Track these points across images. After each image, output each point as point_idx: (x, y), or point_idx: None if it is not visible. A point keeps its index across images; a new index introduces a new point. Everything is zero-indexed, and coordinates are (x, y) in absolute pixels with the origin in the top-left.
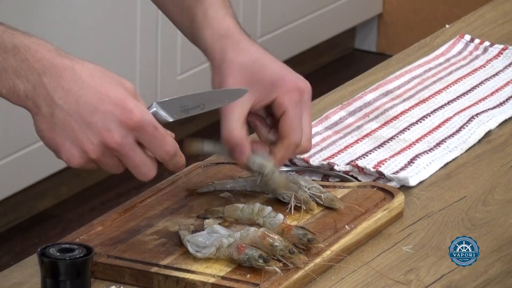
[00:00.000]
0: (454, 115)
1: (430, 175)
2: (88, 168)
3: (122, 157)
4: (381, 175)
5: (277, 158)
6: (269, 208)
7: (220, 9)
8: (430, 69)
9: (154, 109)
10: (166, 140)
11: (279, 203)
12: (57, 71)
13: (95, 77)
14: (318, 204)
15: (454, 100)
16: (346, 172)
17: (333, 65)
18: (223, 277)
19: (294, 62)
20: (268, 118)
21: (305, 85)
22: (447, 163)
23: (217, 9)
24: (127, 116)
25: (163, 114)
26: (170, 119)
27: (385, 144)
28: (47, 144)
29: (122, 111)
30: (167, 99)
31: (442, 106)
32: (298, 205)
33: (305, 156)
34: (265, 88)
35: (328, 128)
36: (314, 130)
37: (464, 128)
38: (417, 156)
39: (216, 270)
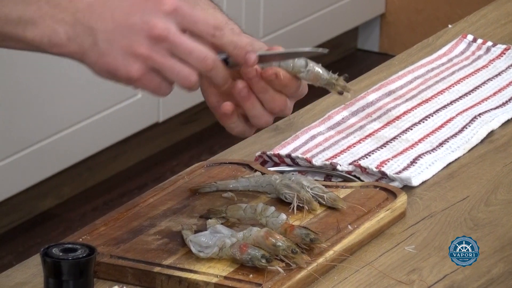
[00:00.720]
0: (456, 115)
1: (433, 175)
2: (150, 83)
3: (171, 45)
4: (383, 175)
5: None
6: (272, 208)
7: (209, 6)
8: (432, 69)
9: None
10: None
11: (281, 203)
12: (87, 4)
13: None
14: (320, 204)
15: (456, 100)
16: (348, 172)
17: (335, 65)
18: (225, 277)
19: None
20: None
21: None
22: (449, 163)
23: (205, 6)
24: (161, 2)
25: None
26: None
27: (387, 144)
28: (106, 72)
29: (154, 2)
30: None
31: (444, 106)
32: (301, 205)
33: (307, 156)
34: None
35: (330, 128)
36: (316, 130)
37: (466, 128)
38: (419, 156)
39: (219, 270)
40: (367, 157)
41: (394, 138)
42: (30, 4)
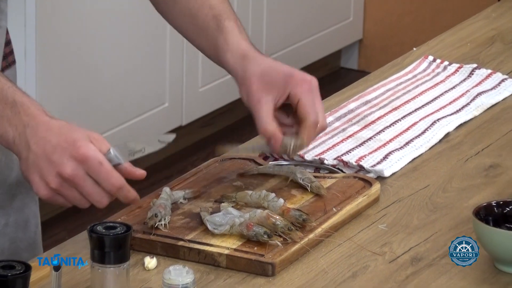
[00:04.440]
0: (419, 120)
1: (401, 168)
2: (57, 201)
3: (76, 186)
4: (361, 168)
5: (303, 139)
6: (272, 194)
7: (236, 35)
8: (401, 83)
9: (111, 151)
10: (110, 174)
11: (281, 190)
12: (37, 124)
13: (64, 127)
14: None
15: (419, 108)
16: (333, 166)
17: (323, 80)
18: (235, 249)
19: None
20: (289, 118)
21: (311, 77)
22: (414, 159)
23: (234, 35)
24: (75, 151)
25: (117, 155)
26: (122, 161)
27: (364, 143)
28: (26, 180)
29: (73, 147)
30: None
31: (410, 113)
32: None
33: (301, 153)
34: (281, 86)
35: None
36: None
37: (427, 130)
38: (390, 152)
39: (230, 244)
40: (348, 154)
41: (370, 138)
42: None
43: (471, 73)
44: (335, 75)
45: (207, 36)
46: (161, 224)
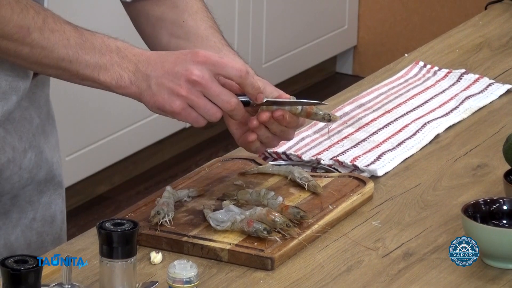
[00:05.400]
0: (411, 122)
1: (393, 168)
2: (189, 116)
3: (204, 88)
4: (356, 167)
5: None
6: (272, 192)
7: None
8: (393, 88)
9: None
10: (231, 64)
11: (279, 189)
12: (146, 57)
13: (169, 52)
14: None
15: (411, 111)
16: (329, 165)
17: (319, 84)
18: (236, 245)
19: (289, 82)
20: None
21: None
22: (406, 159)
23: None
24: (195, 56)
25: None
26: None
27: (359, 144)
28: (156, 109)
29: (191, 54)
30: None
31: (402, 116)
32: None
33: (298, 153)
34: None
35: (316, 132)
36: (305, 134)
37: (418, 132)
38: (383, 153)
39: (231, 239)
40: (343, 154)
41: (364, 140)
42: (104, 54)
43: (459, 78)
44: (331, 79)
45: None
46: (166, 221)
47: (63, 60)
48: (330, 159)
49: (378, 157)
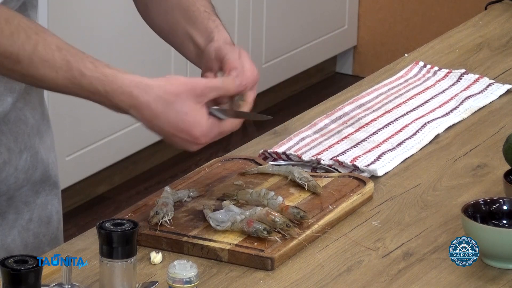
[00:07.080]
0: (411, 122)
1: (393, 168)
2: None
3: (213, 140)
4: (356, 167)
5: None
6: (272, 192)
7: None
8: (393, 88)
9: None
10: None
11: (279, 189)
12: (137, 107)
13: (158, 109)
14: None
15: (411, 111)
16: (329, 165)
17: (319, 84)
18: (236, 245)
19: (290, 82)
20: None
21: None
22: (406, 159)
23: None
24: (196, 141)
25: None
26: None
27: (359, 144)
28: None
29: (192, 139)
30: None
31: (402, 116)
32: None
33: (298, 153)
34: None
35: (316, 132)
36: (305, 134)
37: (419, 132)
38: (383, 153)
39: (231, 239)
40: (343, 154)
41: (364, 140)
42: (94, 94)
43: (459, 78)
44: (331, 79)
45: (198, 23)
46: (165, 221)
47: (54, 88)
48: (330, 159)
49: (378, 157)
